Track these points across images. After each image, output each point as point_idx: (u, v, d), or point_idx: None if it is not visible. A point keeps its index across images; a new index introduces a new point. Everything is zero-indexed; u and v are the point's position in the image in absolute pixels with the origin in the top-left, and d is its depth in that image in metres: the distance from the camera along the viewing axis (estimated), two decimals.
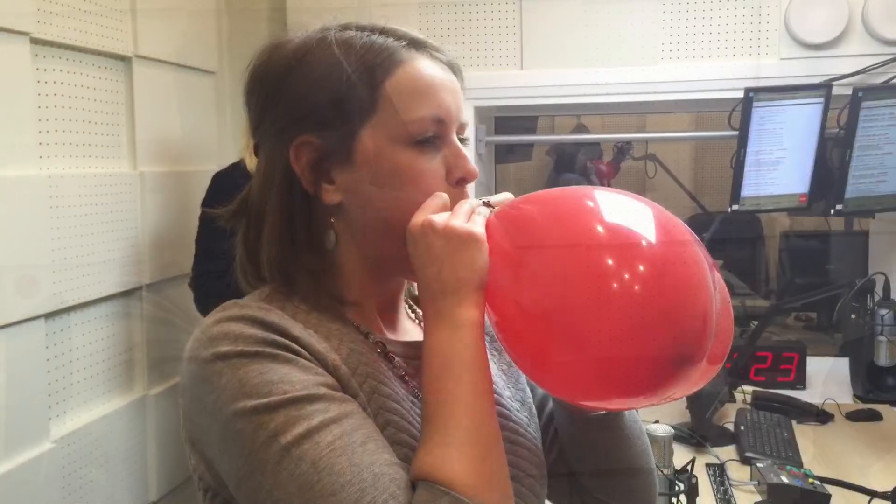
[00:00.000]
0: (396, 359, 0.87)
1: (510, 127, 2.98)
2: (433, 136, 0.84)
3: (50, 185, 1.63)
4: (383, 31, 0.85)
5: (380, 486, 0.70)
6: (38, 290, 1.59)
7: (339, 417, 0.74)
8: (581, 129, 4.97)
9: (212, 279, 2.04)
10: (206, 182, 2.18)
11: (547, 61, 2.46)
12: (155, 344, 1.99)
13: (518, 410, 0.95)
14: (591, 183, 4.75)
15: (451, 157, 0.86)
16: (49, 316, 1.64)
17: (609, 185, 4.85)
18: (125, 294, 1.92)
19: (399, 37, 0.85)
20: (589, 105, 2.84)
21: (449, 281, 0.78)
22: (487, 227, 0.82)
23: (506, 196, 0.88)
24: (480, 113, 2.56)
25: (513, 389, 0.97)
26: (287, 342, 0.77)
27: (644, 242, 0.75)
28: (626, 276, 0.72)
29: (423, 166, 0.83)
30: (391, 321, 0.93)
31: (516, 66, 2.48)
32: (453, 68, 0.88)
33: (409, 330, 0.95)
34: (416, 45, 0.86)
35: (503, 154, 3.21)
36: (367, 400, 0.80)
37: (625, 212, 0.80)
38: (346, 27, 0.86)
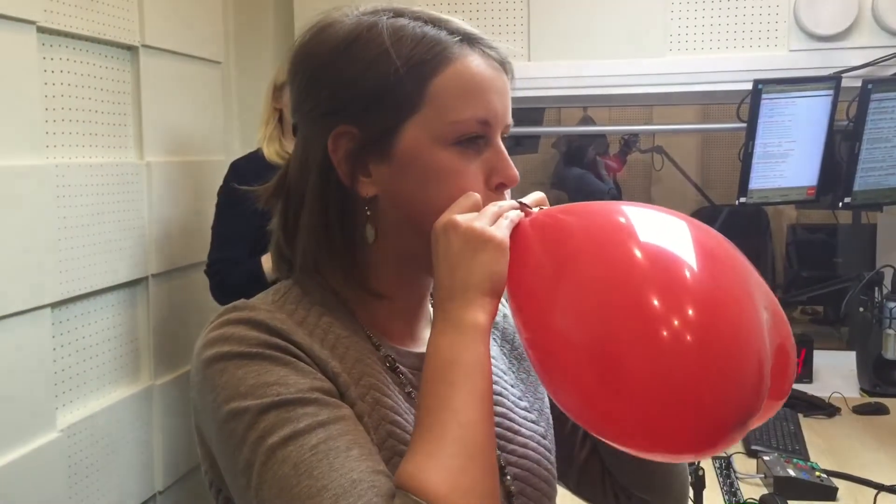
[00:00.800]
0: (404, 372, 0.86)
1: (517, 119, 2.96)
2: (476, 137, 0.81)
3: (57, 175, 1.63)
4: (437, 23, 0.83)
5: (356, 492, 0.69)
6: (45, 279, 1.59)
7: (326, 422, 0.73)
8: (587, 121, 4.95)
9: (228, 266, 2.04)
10: (213, 172, 2.18)
11: (554, 53, 2.45)
12: (161, 334, 1.99)
13: (534, 421, 0.93)
14: (598, 176, 4.74)
15: (493, 160, 0.83)
16: (55, 305, 1.64)
17: (615, 179, 4.86)
18: (132, 284, 1.92)
19: (452, 30, 0.82)
20: (596, 97, 2.83)
21: (460, 283, 0.76)
22: (520, 233, 0.79)
23: (538, 196, 0.85)
24: None
25: (531, 399, 0.95)
26: (288, 346, 0.77)
27: (689, 274, 0.70)
28: (676, 322, 0.66)
29: (463, 168, 0.81)
30: (411, 329, 0.91)
31: (524, 58, 2.48)
32: (504, 67, 0.85)
33: (426, 338, 0.94)
34: (470, 40, 0.83)
35: (510, 146, 3.17)
36: (370, 411, 0.79)
37: (668, 234, 0.74)
38: (399, 13, 0.83)
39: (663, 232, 0.75)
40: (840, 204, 2.36)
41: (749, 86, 2.24)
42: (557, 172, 5.26)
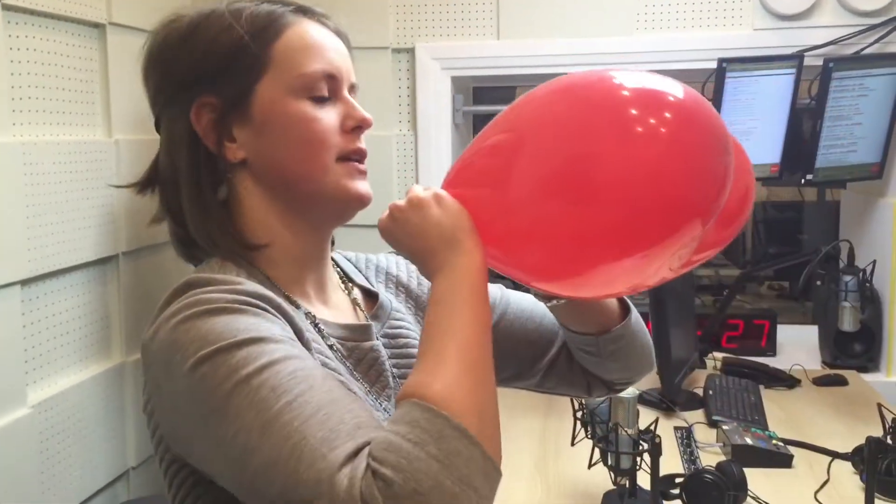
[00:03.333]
0: (325, 330, 0.91)
1: (488, 97, 2.99)
2: (326, 89, 0.90)
3: (24, 153, 1.63)
4: (273, 1, 0.92)
5: (339, 404, 0.71)
6: (14, 257, 1.60)
7: (300, 356, 0.76)
8: None
9: None
10: None
11: (523, 31, 2.47)
12: (132, 311, 2.01)
13: None
14: None
15: (344, 109, 0.91)
16: (25, 283, 1.65)
17: None
18: (102, 261, 1.93)
19: (286, 4, 0.92)
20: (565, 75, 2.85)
21: (437, 237, 0.82)
22: (447, 190, 0.87)
23: None
24: (457, 83, 2.57)
25: None
26: (257, 301, 0.80)
27: (671, 97, 0.76)
28: (652, 120, 0.73)
29: (318, 115, 0.89)
30: (323, 293, 0.97)
31: (493, 36, 2.49)
32: (340, 35, 0.95)
33: (340, 304, 0.99)
34: (304, 11, 0.92)
35: (481, 124, 3.21)
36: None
37: (636, 74, 0.81)
38: (235, 1, 0.92)
39: (631, 73, 0.81)
40: (802, 181, 2.40)
41: (714, 64, 2.27)
42: None
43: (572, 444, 1.59)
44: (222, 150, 0.90)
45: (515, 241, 0.82)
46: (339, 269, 1.05)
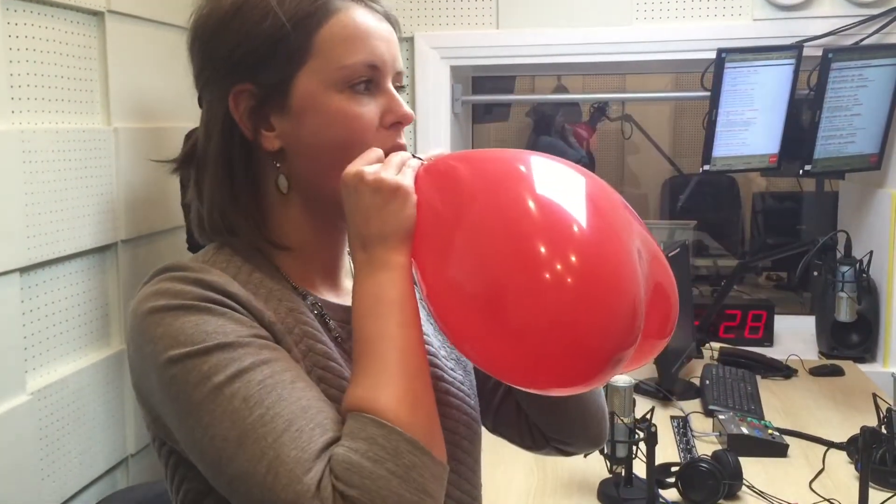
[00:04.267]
0: (331, 322, 0.90)
1: (487, 87, 2.99)
2: (367, 80, 0.87)
3: (22, 140, 1.63)
4: None
5: (307, 416, 0.74)
6: (13, 244, 1.60)
7: (269, 360, 0.77)
8: (561, 90, 4.97)
9: None
10: (181, 139, 2.18)
11: (522, 21, 2.47)
12: (131, 300, 2.01)
13: (452, 370, 0.98)
14: (569, 144, 4.76)
15: (385, 103, 0.88)
16: (24, 270, 1.65)
17: (588, 147, 4.89)
18: (101, 250, 1.93)
19: None
20: (564, 65, 2.85)
21: (377, 231, 0.81)
22: (417, 181, 0.84)
23: (440, 152, 0.90)
24: (456, 72, 2.57)
25: (448, 349, 1.00)
26: (224, 298, 0.80)
27: (577, 230, 0.75)
28: (559, 266, 0.72)
29: (357, 109, 0.86)
30: (332, 279, 0.95)
31: (492, 26, 2.49)
32: (389, 19, 0.91)
33: (350, 291, 0.98)
34: None
35: (480, 114, 3.22)
36: (302, 358, 0.84)
37: (558, 185, 0.80)
38: None
39: (552, 181, 0.80)
40: (801, 171, 2.41)
41: (714, 54, 2.27)
42: (531, 141, 5.29)
43: None
44: (258, 139, 0.88)
45: (441, 300, 0.81)
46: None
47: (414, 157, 0.87)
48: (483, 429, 1.03)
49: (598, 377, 0.76)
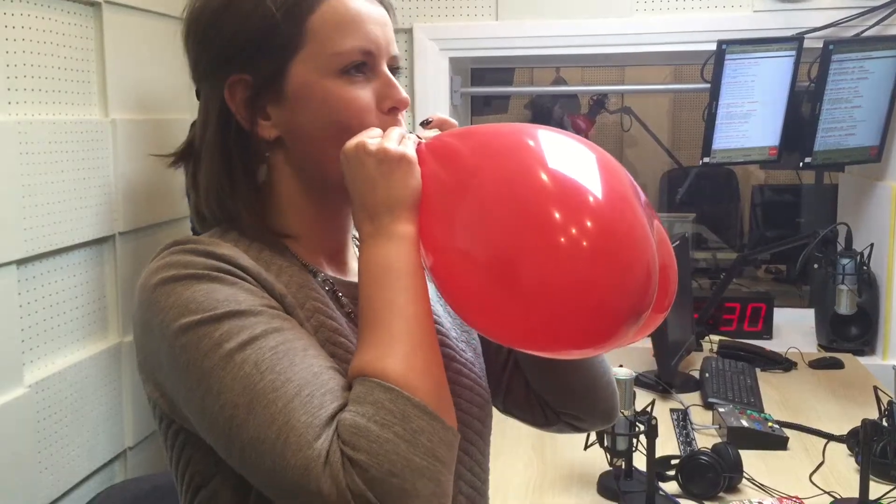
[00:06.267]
0: (343, 298, 0.90)
1: (486, 79, 2.98)
2: (362, 65, 0.86)
3: (19, 132, 1.62)
4: None
5: (318, 382, 0.73)
6: (10, 236, 1.59)
7: (280, 328, 0.77)
8: (560, 82, 4.96)
9: None
10: (179, 130, 2.17)
11: (522, 12, 2.46)
12: (129, 292, 2.00)
13: (464, 350, 0.98)
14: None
15: (381, 87, 0.88)
16: (21, 262, 1.64)
17: (587, 139, 4.89)
18: (98, 241, 1.92)
19: None
20: (563, 57, 2.85)
21: (383, 200, 0.80)
22: (419, 153, 0.83)
23: (440, 118, 0.90)
24: (455, 64, 2.55)
25: (458, 330, 1.00)
26: (235, 269, 0.80)
27: (591, 197, 0.75)
28: (574, 230, 0.72)
29: (354, 95, 0.86)
30: (339, 261, 0.95)
31: (492, 17, 2.48)
32: (382, 2, 0.90)
33: (356, 270, 0.97)
34: None
35: (479, 106, 3.21)
36: (314, 332, 0.83)
37: (566, 155, 0.79)
38: None
39: (560, 149, 0.80)
40: (801, 164, 2.40)
41: (714, 46, 2.26)
42: None
43: None
44: (255, 128, 0.88)
45: (448, 270, 0.80)
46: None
47: (412, 133, 0.87)
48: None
49: (615, 337, 0.75)
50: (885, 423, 1.58)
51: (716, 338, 2.46)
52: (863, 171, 2.53)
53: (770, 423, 1.79)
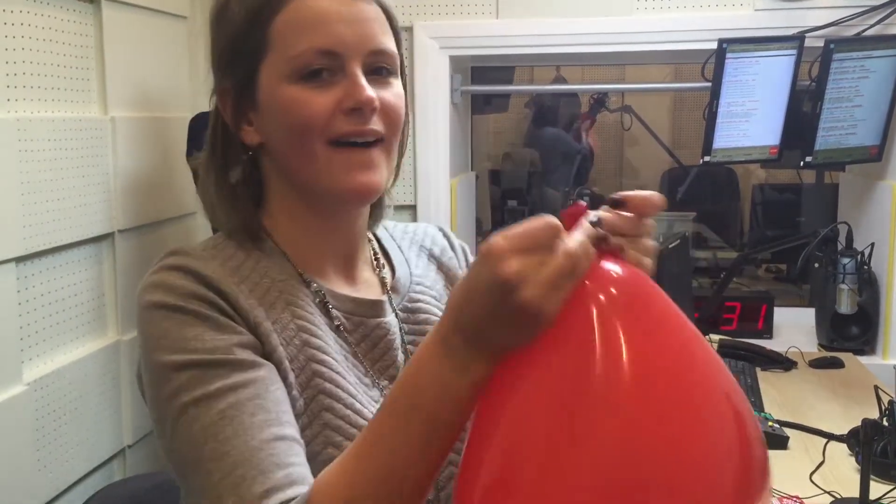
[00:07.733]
0: (334, 311, 0.90)
1: (487, 77, 2.98)
2: (321, 69, 0.84)
3: (18, 129, 1.62)
4: None
5: (255, 461, 0.74)
6: (8, 233, 1.59)
7: (236, 385, 0.77)
8: (560, 80, 4.96)
9: None
10: (179, 128, 2.17)
11: (522, 10, 2.45)
12: (128, 290, 2.00)
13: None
14: (576, 138, 4.76)
15: (347, 87, 0.84)
16: (20, 259, 1.64)
17: (588, 136, 4.88)
18: (98, 239, 1.92)
19: None
20: (564, 55, 2.84)
21: (480, 335, 0.65)
22: (580, 289, 0.63)
23: (638, 208, 0.69)
24: (455, 62, 2.55)
25: None
26: (214, 296, 0.81)
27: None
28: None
29: (308, 98, 0.83)
30: (348, 272, 0.95)
31: (492, 15, 2.47)
32: None
33: (368, 282, 0.97)
34: None
35: (479, 105, 3.20)
36: (296, 353, 0.83)
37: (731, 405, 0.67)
38: None
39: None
40: (802, 163, 2.40)
41: (715, 45, 2.26)
42: (530, 132, 5.27)
43: None
44: (240, 133, 0.90)
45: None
46: (375, 247, 1.02)
47: (593, 223, 0.66)
48: None
49: None
50: (885, 423, 1.58)
51: (716, 337, 2.46)
52: (863, 170, 2.53)
53: (770, 423, 1.78)
